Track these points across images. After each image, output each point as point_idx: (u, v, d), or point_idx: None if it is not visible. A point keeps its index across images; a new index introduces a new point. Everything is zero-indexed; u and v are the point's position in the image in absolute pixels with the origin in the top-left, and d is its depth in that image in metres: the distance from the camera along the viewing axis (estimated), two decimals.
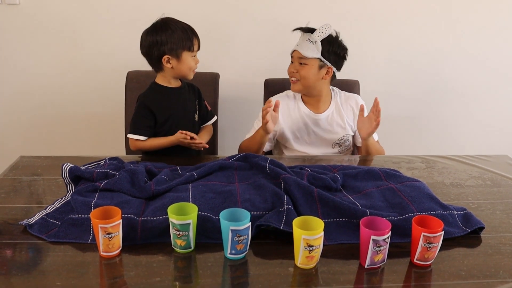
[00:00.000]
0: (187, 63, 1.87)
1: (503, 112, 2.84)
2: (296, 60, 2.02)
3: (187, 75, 1.91)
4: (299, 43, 2.00)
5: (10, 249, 1.20)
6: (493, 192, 1.62)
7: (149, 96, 1.92)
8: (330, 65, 2.00)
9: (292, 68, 2.03)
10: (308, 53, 1.96)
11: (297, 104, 2.11)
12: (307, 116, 2.09)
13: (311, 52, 1.96)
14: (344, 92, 2.17)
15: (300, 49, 1.98)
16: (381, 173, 1.60)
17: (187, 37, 1.84)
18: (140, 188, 1.40)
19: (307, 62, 1.98)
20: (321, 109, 2.10)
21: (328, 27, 1.95)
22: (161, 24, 1.86)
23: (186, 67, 1.87)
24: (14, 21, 2.46)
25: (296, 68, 2.01)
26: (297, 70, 2.01)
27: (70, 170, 1.47)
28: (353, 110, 2.12)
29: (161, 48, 1.83)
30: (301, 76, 2.00)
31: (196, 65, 1.92)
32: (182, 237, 1.18)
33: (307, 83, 2.02)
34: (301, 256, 1.13)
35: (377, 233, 1.11)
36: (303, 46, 1.98)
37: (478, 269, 1.17)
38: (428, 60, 2.68)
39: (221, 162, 1.62)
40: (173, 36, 1.82)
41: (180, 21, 1.88)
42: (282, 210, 1.30)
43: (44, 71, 2.56)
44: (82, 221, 1.27)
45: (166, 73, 1.90)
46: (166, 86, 1.93)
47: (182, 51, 1.84)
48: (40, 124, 2.67)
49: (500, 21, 2.63)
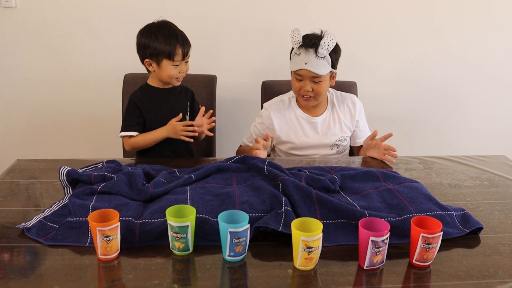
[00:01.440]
0: (167, 71, 1.86)
1: (499, 113, 2.85)
2: (307, 78, 1.93)
3: (169, 82, 1.91)
4: (307, 61, 1.89)
5: (8, 252, 1.20)
6: (491, 192, 1.62)
7: (139, 95, 1.94)
8: (335, 71, 1.99)
9: (305, 87, 1.94)
10: (322, 70, 1.90)
11: (293, 109, 2.09)
12: (304, 120, 2.08)
13: (324, 68, 1.90)
14: (340, 93, 2.16)
15: (312, 68, 1.89)
16: (379, 174, 1.60)
17: (169, 44, 1.81)
18: (138, 191, 1.40)
19: (321, 79, 1.93)
20: (318, 112, 2.09)
21: (332, 37, 1.87)
22: (151, 26, 1.86)
23: (166, 74, 1.87)
24: (10, 24, 2.45)
25: (310, 86, 1.94)
26: (312, 89, 1.95)
27: (67, 173, 1.47)
28: (350, 110, 2.11)
29: (144, 51, 1.85)
30: (317, 92, 1.96)
31: (181, 73, 1.89)
32: (181, 240, 1.17)
33: (321, 97, 2.00)
34: (300, 258, 1.13)
35: (376, 234, 1.11)
36: (314, 64, 1.89)
37: (477, 270, 1.17)
38: (425, 61, 2.69)
39: (219, 164, 1.62)
40: (154, 42, 1.82)
41: (171, 27, 1.86)
42: (280, 212, 1.30)
43: (41, 74, 2.56)
44: (80, 224, 1.27)
45: (153, 74, 1.92)
46: (156, 86, 1.94)
47: (162, 58, 1.83)
48: (37, 127, 2.67)
49: (497, 24, 2.64)
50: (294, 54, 1.95)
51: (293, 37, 1.92)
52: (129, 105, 1.94)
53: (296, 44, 1.93)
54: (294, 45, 1.94)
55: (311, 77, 1.92)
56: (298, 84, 1.97)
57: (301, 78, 1.95)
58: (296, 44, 1.92)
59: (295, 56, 1.94)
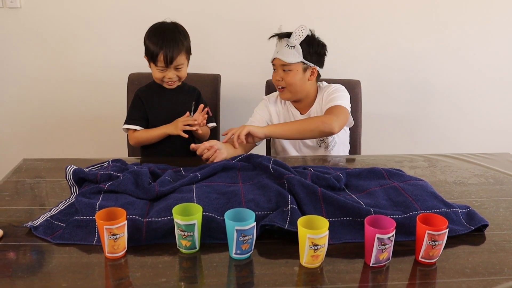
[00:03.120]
0: (153, 72, 1.91)
1: (504, 110, 2.84)
2: (279, 67, 1.98)
3: (160, 83, 1.94)
4: (278, 50, 1.96)
5: (15, 251, 1.20)
6: (496, 189, 1.62)
7: (144, 91, 1.98)
8: (313, 65, 1.98)
9: (276, 76, 1.99)
10: (290, 58, 1.93)
11: (287, 106, 2.11)
12: (294, 116, 2.09)
13: (293, 57, 1.93)
14: (330, 86, 2.09)
15: (281, 56, 1.94)
16: (384, 172, 1.60)
17: (154, 48, 1.83)
18: (144, 189, 1.40)
19: (291, 68, 1.95)
20: (305, 109, 2.09)
21: (304, 28, 1.91)
22: (155, 25, 1.90)
23: (153, 75, 1.91)
24: (15, 24, 2.46)
25: (280, 76, 1.98)
26: (282, 78, 1.98)
27: (74, 172, 1.47)
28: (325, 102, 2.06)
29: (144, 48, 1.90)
30: (288, 83, 1.97)
31: (167, 79, 1.89)
32: (187, 238, 1.18)
33: (294, 89, 2.00)
34: (306, 255, 1.13)
35: (381, 232, 1.11)
36: (283, 53, 1.93)
37: (483, 267, 1.17)
38: (428, 59, 2.69)
39: (224, 162, 1.62)
40: (146, 42, 1.87)
41: (169, 30, 1.86)
42: (286, 210, 1.30)
43: (46, 73, 2.57)
44: (87, 222, 1.27)
45: None
46: (161, 84, 1.96)
47: (149, 59, 1.89)
48: (42, 127, 2.68)
49: (501, 21, 2.63)
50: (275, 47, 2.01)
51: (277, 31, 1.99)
52: (134, 99, 1.98)
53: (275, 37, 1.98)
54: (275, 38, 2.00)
55: (281, 65, 1.96)
56: (273, 74, 2.02)
57: (274, 68, 2.01)
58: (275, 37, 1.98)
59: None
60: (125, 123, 1.96)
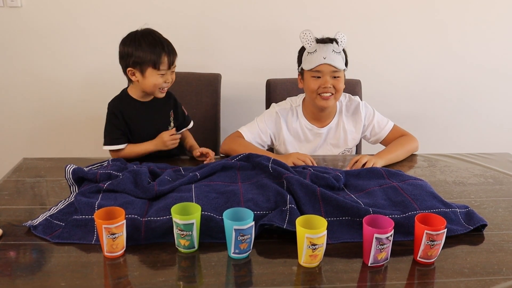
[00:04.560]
0: (151, 80, 1.75)
1: (504, 110, 2.84)
2: (328, 74, 1.86)
3: (153, 93, 1.81)
4: (326, 56, 1.84)
5: (14, 250, 1.21)
6: (495, 189, 1.62)
7: (117, 105, 1.85)
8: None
9: (326, 83, 1.86)
10: (341, 64, 1.86)
11: (299, 119, 2.01)
12: (309, 131, 2.00)
13: (341, 63, 1.87)
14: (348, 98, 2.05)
15: (332, 62, 1.83)
16: (383, 172, 1.60)
17: (154, 52, 1.72)
18: (144, 189, 1.41)
19: (340, 74, 1.88)
20: (324, 123, 2.01)
21: (344, 35, 1.88)
22: (134, 34, 1.77)
23: (150, 84, 1.76)
24: (16, 23, 2.47)
25: (331, 83, 1.86)
26: (332, 85, 1.87)
27: (73, 171, 1.48)
28: (355, 120, 2.03)
29: (127, 60, 1.76)
30: (337, 89, 1.89)
31: (167, 83, 1.79)
32: (186, 237, 1.18)
33: (339, 96, 1.93)
34: (305, 255, 1.13)
35: (380, 231, 1.12)
36: (333, 58, 1.84)
37: (481, 267, 1.17)
38: (428, 59, 2.69)
39: (223, 162, 1.63)
40: (139, 50, 1.73)
41: (156, 35, 1.77)
42: (285, 209, 1.30)
43: (46, 73, 2.57)
44: (86, 222, 1.28)
45: (135, 85, 1.83)
46: (135, 98, 1.86)
47: (146, 67, 1.74)
48: (43, 126, 2.68)
49: (501, 21, 2.63)
50: (308, 54, 1.89)
51: (304, 37, 1.87)
52: (109, 116, 1.85)
53: (309, 43, 1.87)
54: (306, 44, 1.88)
55: (331, 71, 1.86)
56: (316, 82, 1.87)
57: (320, 75, 1.87)
58: (309, 43, 1.87)
59: (309, 56, 1.88)
60: (106, 144, 1.82)
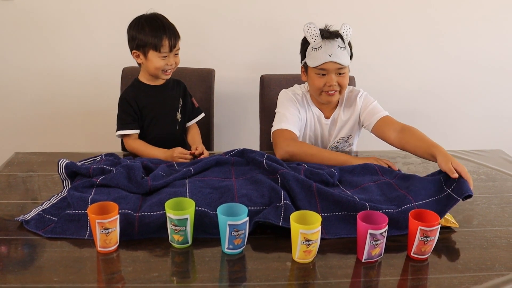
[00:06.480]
0: (154, 62, 1.83)
1: (496, 107, 2.85)
2: (332, 72, 1.80)
3: (156, 75, 1.88)
4: (332, 53, 1.77)
5: (6, 245, 1.20)
6: (488, 186, 1.63)
7: (129, 93, 1.92)
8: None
9: (331, 81, 1.80)
10: (346, 60, 1.80)
11: (310, 106, 1.96)
12: (317, 118, 1.96)
13: (347, 59, 1.81)
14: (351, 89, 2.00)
15: (337, 59, 1.77)
16: (377, 168, 1.60)
17: (155, 35, 1.79)
18: (137, 184, 1.40)
19: (345, 70, 1.83)
20: (330, 112, 1.98)
21: (349, 26, 1.81)
22: (139, 18, 1.85)
23: (152, 66, 1.83)
24: (9, 17, 2.44)
25: (336, 80, 1.81)
26: (337, 82, 1.82)
27: (66, 165, 1.47)
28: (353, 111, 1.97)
29: (132, 43, 1.85)
30: (342, 86, 1.84)
31: (169, 65, 1.85)
32: (180, 232, 1.18)
33: (344, 91, 1.90)
34: (299, 251, 1.13)
35: (374, 227, 1.12)
36: (339, 55, 1.78)
37: (474, 263, 1.18)
38: (422, 56, 2.69)
39: (218, 157, 1.62)
40: (141, 33, 1.81)
41: (159, 19, 1.84)
42: (280, 206, 1.30)
43: (39, 67, 2.55)
44: (79, 216, 1.27)
45: (142, 68, 1.91)
46: (146, 83, 1.93)
47: (148, 49, 1.81)
48: (35, 120, 2.66)
49: (494, 18, 2.64)
50: (312, 50, 1.81)
51: (308, 31, 1.81)
52: (121, 103, 1.91)
53: (313, 38, 1.80)
54: (311, 39, 1.80)
55: (336, 69, 1.80)
56: (321, 80, 1.82)
57: (325, 72, 1.81)
58: (314, 37, 1.80)
59: (314, 52, 1.80)
60: (119, 129, 1.88)
